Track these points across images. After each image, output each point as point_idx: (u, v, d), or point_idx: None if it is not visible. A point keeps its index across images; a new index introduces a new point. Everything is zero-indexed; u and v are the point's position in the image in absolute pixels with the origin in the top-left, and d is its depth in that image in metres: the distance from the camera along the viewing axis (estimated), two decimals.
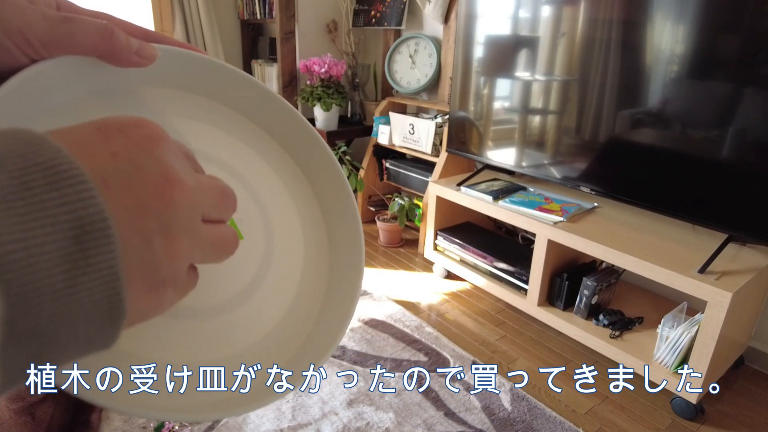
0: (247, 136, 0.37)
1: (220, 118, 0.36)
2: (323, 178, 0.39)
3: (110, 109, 0.30)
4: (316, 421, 1.28)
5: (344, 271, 0.37)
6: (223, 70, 0.34)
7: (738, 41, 1.18)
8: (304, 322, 0.35)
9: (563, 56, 1.56)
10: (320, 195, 0.39)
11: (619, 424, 1.32)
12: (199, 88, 0.35)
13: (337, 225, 0.39)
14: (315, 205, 0.39)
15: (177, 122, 0.34)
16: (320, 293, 0.37)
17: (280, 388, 0.30)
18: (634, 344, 1.47)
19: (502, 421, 1.30)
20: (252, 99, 0.37)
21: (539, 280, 1.63)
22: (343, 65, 2.50)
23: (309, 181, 0.40)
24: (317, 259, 0.38)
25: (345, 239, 0.38)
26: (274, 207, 0.36)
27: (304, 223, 0.38)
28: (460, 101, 1.93)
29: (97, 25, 0.27)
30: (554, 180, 1.69)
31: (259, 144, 0.38)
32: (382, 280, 2.05)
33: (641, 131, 1.42)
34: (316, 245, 0.38)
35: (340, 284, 0.37)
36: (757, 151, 1.19)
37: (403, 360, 1.53)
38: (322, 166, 0.39)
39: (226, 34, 2.82)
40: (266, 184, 0.37)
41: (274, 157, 0.38)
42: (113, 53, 0.27)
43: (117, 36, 0.27)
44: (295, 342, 0.34)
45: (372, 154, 2.56)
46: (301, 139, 0.38)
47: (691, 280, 1.24)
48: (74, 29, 0.26)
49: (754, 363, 1.58)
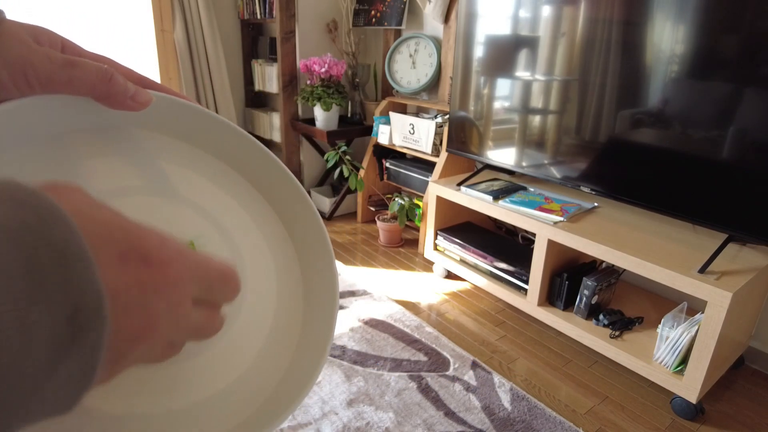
0: (228, 185, 0.39)
1: (204, 165, 0.38)
2: (299, 221, 0.41)
3: (100, 142, 0.32)
4: (316, 420, 1.28)
5: (319, 303, 0.39)
6: (212, 120, 0.36)
7: (738, 41, 1.18)
8: (280, 358, 0.36)
9: (563, 56, 1.56)
10: (296, 238, 0.41)
11: (619, 424, 1.32)
12: (187, 136, 0.37)
13: (313, 268, 0.40)
14: (289, 244, 0.41)
15: (164, 165, 0.35)
16: (295, 332, 0.38)
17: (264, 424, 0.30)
18: (634, 344, 1.47)
19: (502, 421, 1.30)
20: (236, 147, 0.38)
21: (539, 280, 1.63)
22: (344, 65, 2.50)
23: (285, 225, 0.41)
24: (291, 295, 0.39)
25: (319, 277, 0.39)
26: (247, 249, 0.37)
27: (277, 264, 0.39)
28: (460, 101, 1.93)
29: (97, 68, 0.28)
30: (554, 180, 1.69)
31: (240, 193, 0.39)
32: (382, 280, 2.05)
33: (641, 131, 1.42)
34: (289, 281, 0.39)
35: (315, 318, 0.38)
36: (757, 151, 1.19)
37: (403, 360, 1.53)
38: (301, 213, 0.40)
39: (226, 34, 2.82)
40: (240, 228, 0.38)
41: (253, 204, 0.40)
42: (110, 96, 0.29)
43: (115, 80, 0.29)
44: (271, 381, 0.34)
45: (372, 154, 2.56)
46: (285, 191, 0.40)
47: (691, 280, 1.24)
48: (75, 74, 0.27)
49: (754, 363, 1.58)
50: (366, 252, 2.32)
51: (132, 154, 0.33)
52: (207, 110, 0.35)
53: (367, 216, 2.68)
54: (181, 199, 0.35)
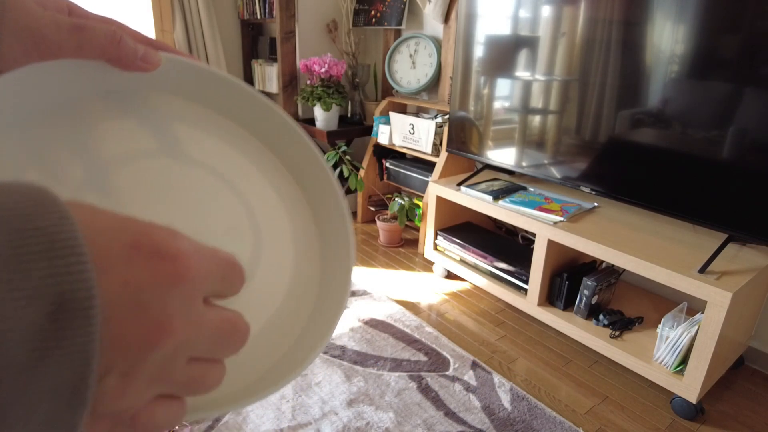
0: (241, 144, 0.39)
1: (219, 127, 0.38)
2: (312, 181, 0.41)
3: (113, 107, 0.32)
4: (316, 420, 1.28)
5: (335, 260, 0.39)
6: (220, 79, 0.36)
7: (738, 41, 1.18)
8: (300, 311, 0.36)
9: (563, 56, 1.56)
10: (310, 196, 0.41)
11: (619, 424, 1.32)
12: (198, 97, 0.37)
13: (327, 223, 0.40)
14: (305, 206, 0.41)
15: (179, 128, 0.35)
16: (314, 282, 0.38)
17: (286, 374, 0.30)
18: (634, 344, 1.47)
19: (502, 421, 1.30)
20: (246, 107, 0.38)
21: (539, 280, 1.63)
22: (343, 65, 2.50)
23: (300, 186, 0.41)
24: (308, 253, 0.39)
25: (334, 235, 0.40)
26: (263, 209, 0.37)
27: (294, 224, 0.39)
28: (460, 101, 1.93)
29: (106, 31, 0.28)
30: (554, 180, 1.69)
31: (252, 152, 0.40)
32: (382, 280, 2.05)
33: (641, 131, 1.42)
34: (306, 242, 0.39)
35: (332, 274, 0.38)
36: (757, 151, 1.19)
37: (403, 360, 1.53)
38: (312, 172, 0.41)
39: (226, 34, 2.82)
40: (254, 187, 0.38)
41: (265, 163, 0.40)
42: (120, 58, 0.29)
43: (124, 42, 0.28)
44: (293, 331, 0.35)
45: (372, 154, 2.56)
46: (295, 149, 0.40)
47: (691, 280, 1.24)
48: (84, 38, 0.27)
49: (754, 363, 1.58)
50: (366, 252, 2.32)
51: (146, 117, 0.33)
52: (218, 71, 0.35)
53: (367, 216, 2.68)
54: (195, 161, 0.35)
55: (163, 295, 0.18)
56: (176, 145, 0.34)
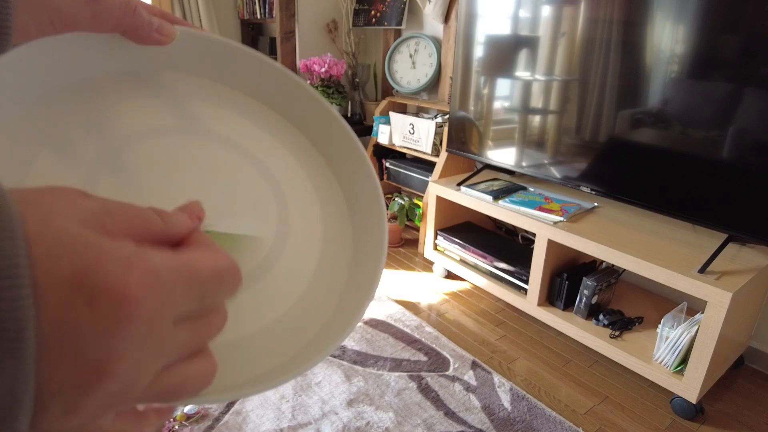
0: (261, 119, 0.38)
1: (233, 101, 0.37)
2: (341, 156, 0.39)
3: (131, 85, 0.31)
4: (316, 420, 1.28)
5: (367, 241, 0.37)
6: (237, 50, 0.35)
7: (738, 41, 1.18)
8: (330, 293, 0.34)
9: (563, 56, 1.56)
10: (339, 173, 0.39)
11: (619, 424, 1.32)
12: (214, 73, 0.36)
13: (358, 201, 0.38)
14: (333, 181, 0.39)
15: (195, 103, 0.34)
16: (344, 266, 0.36)
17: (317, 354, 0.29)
18: (634, 344, 1.47)
19: (502, 421, 1.30)
20: (265, 80, 0.37)
21: (539, 280, 1.63)
22: (343, 65, 2.50)
23: (327, 162, 0.40)
24: (339, 233, 0.37)
25: (365, 214, 0.38)
26: (289, 184, 0.36)
27: (322, 201, 0.38)
28: (460, 101, 1.93)
29: (120, 1, 0.27)
30: (554, 180, 1.69)
31: (274, 127, 0.38)
32: (382, 279, 2.05)
33: (641, 131, 1.42)
34: (337, 221, 0.37)
35: (364, 257, 0.36)
36: (757, 151, 1.19)
37: (403, 360, 1.53)
38: (337, 144, 0.39)
39: (226, 34, 2.82)
40: (279, 161, 0.37)
41: (288, 138, 0.38)
42: (135, 29, 0.28)
43: (139, 13, 0.28)
44: (323, 313, 0.33)
45: (372, 154, 2.56)
46: (322, 124, 0.38)
47: (691, 280, 1.24)
48: (99, 9, 0.26)
49: (754, 363, 1.58)
50: None
51: (162, 95, 0.32)
52: (237, 43, 0.34)
53: None
54: (216, 136, 0.34)
55: (105, 339, 0.15)
56: (195, 122, 0.33)
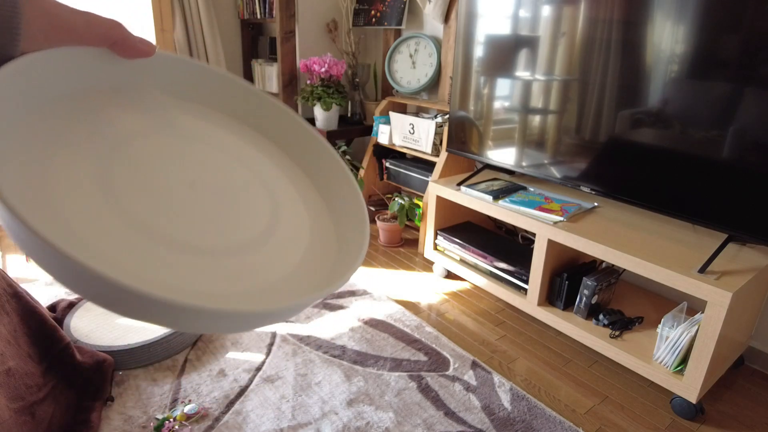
0: (245, 135, 0.44)
1: (211, 117, 0.43)
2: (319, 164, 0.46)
3: (121, 99, 0.36)
4: (316, 420, 1.28)
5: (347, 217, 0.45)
6: (206, 70, 0.41)
7: (738, 41, 1.18)
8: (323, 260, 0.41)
9: (563, 56, 1.56)
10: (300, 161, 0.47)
11: (619, 423, 1.32)
12: (196, 96, 0.42)
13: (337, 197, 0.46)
14: (309, 184, 0.46)
15: (177, 114, 0.40)
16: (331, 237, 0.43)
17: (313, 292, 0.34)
18: (634, 344, 1.47)
19: (502, 421, 1.30)
20: (238, 98, 0.43)
21: (539, 279, 1.63)
22: (343, 65, 2.50)
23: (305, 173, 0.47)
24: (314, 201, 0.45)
25: (332, 179, 0.45)
26: (269, 176, 0.42)
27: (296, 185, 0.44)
28: (460, 101, 1.93)
29: (108, 18, 0.32)
30: (554, 180, 1.69)
31: (256, 142, 0.44)
32: (382, 279, 2.05)
33: (641, 131, 1.42)
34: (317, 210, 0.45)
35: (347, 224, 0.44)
36: (757, 151, 1.19)
37: (403, 360, 1.53)
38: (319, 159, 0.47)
39: (226, 34, 2.82)
40: (256, 160, 0.43)
41: (261, 143, 0.45)
42: (123, 40, 0.33)
43: (125, 27, 0.33)
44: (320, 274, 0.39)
45: (372, 154, 2.56)
46: (303, 143, 0.46)
47: (691, 279, 1.24)
48: (92, 19, 0.31)
49: (754, 363, 1.58)
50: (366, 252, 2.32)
51: (149, 107, 0.38)
52: (204, 63, 0.41)
53: None
54: (201, 140, 0.39)
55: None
56: (181, 129, 0.39)
